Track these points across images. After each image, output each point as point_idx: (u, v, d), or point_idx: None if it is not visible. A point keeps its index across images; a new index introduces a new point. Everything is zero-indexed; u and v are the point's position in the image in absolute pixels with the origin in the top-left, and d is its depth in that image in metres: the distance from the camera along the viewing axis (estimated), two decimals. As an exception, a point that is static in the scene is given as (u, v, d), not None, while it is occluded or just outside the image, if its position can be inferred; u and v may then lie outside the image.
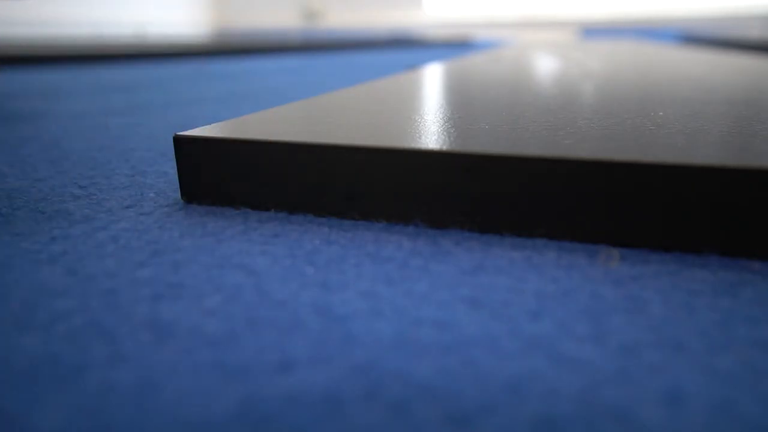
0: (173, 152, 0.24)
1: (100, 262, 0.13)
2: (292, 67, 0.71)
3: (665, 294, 0.11)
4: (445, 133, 0.16)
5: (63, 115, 0.35)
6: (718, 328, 0.10)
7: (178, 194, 0.18)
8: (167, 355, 0.09)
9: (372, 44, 1.18)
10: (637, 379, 0.09)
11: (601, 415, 0.08)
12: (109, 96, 0.44)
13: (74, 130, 0.30)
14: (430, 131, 0.16)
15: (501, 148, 0.14)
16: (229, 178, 0.16)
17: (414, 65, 0.69)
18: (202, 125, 0.30)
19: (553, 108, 0.20)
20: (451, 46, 1.33)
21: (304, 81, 0.54)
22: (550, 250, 0.13)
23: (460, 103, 0.22)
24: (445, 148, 0.14)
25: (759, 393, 0.08)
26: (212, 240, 0.14)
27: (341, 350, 0.10)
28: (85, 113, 0.36)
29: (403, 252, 0.13)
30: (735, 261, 0.13)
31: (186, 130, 0.24)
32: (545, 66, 0.41)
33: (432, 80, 0.31)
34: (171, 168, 0.22)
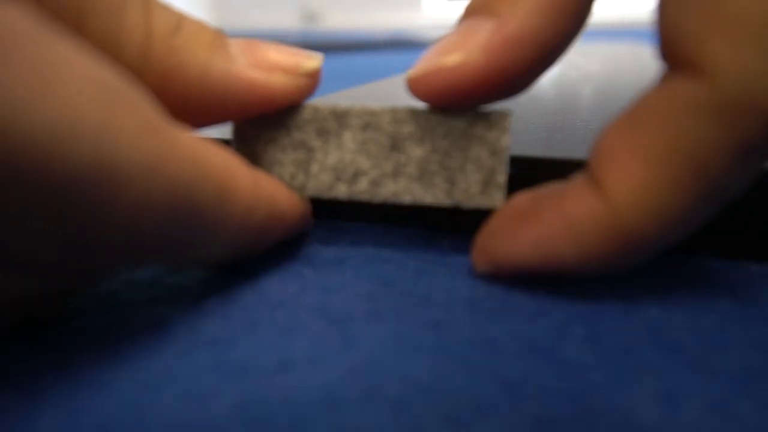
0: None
1: (99, 263, 0.13)
2: (292, 69, 0.71)
3: (662, 295, 0.11)
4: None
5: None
6: (715, 330, 0.10)
7: (178, 196, 0.18)
8: (166, 356, 0.09)
9: (372, 46, 1.18)
10: (635, 380, 0.09)
11: (598, 416, 0.08)
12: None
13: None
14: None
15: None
16: (228, 179, 0.16)
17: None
18: (202, 127, 0.30)
19: (551, 109, 0.20)
20: (450, 48, 1.32)
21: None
22: (548, 252, 0.13)
23: (459, 105, 0.22)
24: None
25: (755, 395, 0.08)
26: (211, 241, 0.14)
27: (340, 351, 0.10)
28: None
29: (401, 254, 0.13)
30: (732, 263, 0.13)
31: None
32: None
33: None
34: (170, 169, 0.22)
